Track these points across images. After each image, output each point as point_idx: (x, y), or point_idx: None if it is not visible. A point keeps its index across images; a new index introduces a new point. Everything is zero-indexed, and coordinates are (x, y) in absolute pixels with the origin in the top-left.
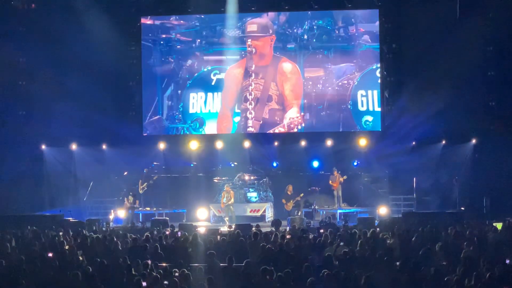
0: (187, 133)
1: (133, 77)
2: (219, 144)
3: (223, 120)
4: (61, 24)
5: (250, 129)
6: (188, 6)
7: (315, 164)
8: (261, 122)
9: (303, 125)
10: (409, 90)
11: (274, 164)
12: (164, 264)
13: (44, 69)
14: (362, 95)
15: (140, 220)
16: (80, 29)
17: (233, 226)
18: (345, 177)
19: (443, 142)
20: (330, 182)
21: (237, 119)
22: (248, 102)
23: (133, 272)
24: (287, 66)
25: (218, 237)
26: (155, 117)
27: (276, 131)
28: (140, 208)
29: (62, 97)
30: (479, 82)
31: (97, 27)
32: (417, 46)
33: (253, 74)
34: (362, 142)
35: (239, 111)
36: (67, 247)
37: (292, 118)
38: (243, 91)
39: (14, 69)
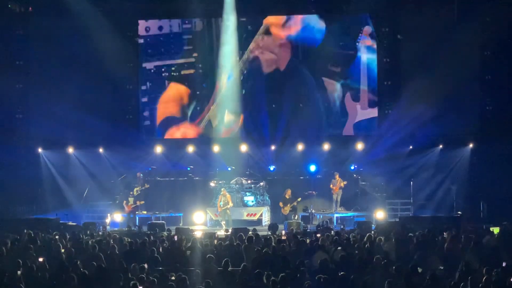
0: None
1: (130, 80)
2: (216, 148)
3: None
4: (58, 27)
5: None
6: (186, 10)
7: (312, 168)
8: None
9: None
10: (406, 94)
11: (271, 168)
12: (160, 268)
13: (41, 72)
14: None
15: (137, 224)
16: (77, 32)
17: (230, 230)
18: (345, 182)
19: (440, 146)
20: (331, 186)
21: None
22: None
23: (130, 276)
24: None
25: (215, 241)
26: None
27: None
28: (141, 210)
29: (59, 100)
30: (476, 86)
31: (95, 30)
32: (414, 50)
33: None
34: (359, 146)
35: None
36: (63, 251)
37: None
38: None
39: (12, 72)
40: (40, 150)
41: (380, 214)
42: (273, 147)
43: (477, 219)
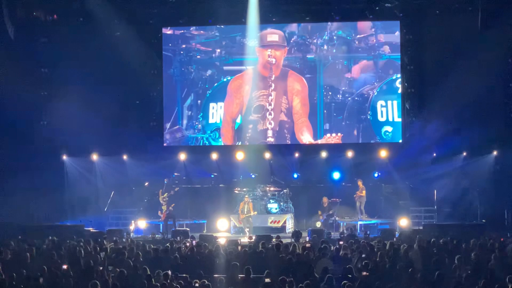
0: (206, 143)
1: (154, 87)
2: (239, 155)
3: (226, 130)
4: (82, 35)
5: (270, 139)
6: (209, 17)
7: (336, 175)
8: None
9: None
10: (430, 101)
11: (295, 175)
12: (184, 275)
13: (65, 79)
14: (381, 106)
15: (161, 231)
16: (101, 39)
17: (254, 237)
18: (363, 193)
19: (464, 153)
20: (358, 193)
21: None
22: (262, 113)
23: (154, 283)
24: (296, 79)
25: (239, 247)
26: (175, 127)
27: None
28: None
29: (83, 107)
30: (500, 93)
31: (118, 37)
32: (438, 57)
33: (272, 84)
34: (383, 153)
35: (239, 121)
36: (87, 258)
37: (329, 137)
38: (254, 101)
39: (36, 79)
40: (64, 157)
41: (403, 222)
42: (296, 154)
43: (502, 227)
